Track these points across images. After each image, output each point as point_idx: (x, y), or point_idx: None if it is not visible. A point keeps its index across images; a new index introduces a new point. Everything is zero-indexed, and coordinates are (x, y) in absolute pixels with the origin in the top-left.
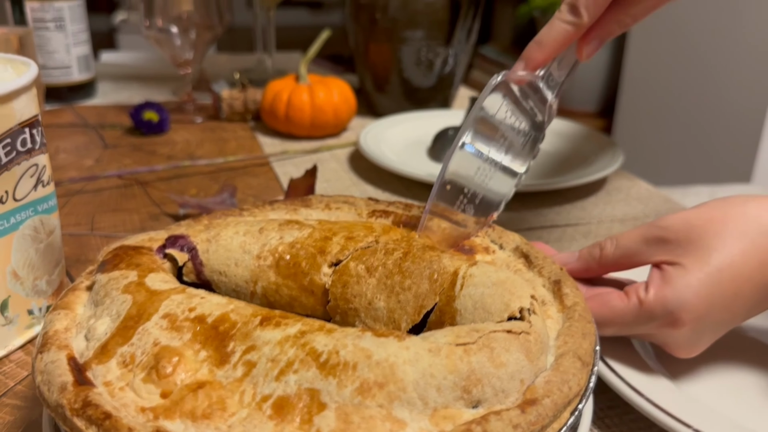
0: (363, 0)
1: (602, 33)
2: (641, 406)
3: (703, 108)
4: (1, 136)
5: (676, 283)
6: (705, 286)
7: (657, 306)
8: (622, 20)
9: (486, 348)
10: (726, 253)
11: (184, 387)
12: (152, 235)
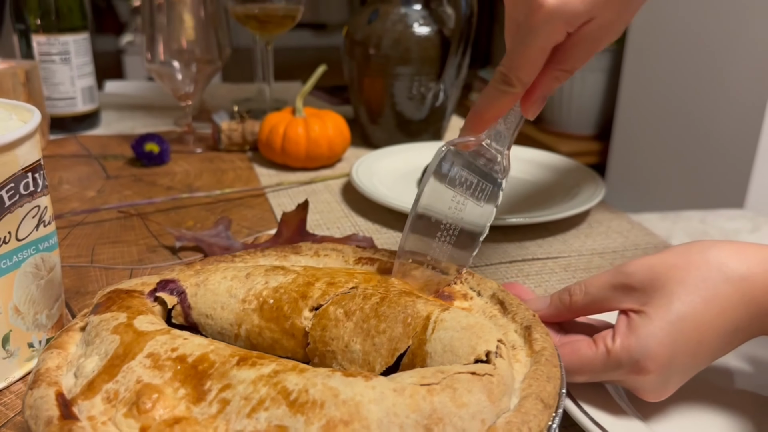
0: (358, 36)
1: (542, 91)
2: None
3: (696, 133)
4: (5, 182)
5: (641, 332)
6: (668, 335)
7: (623, 355)
8: (559, 76)
9: (449, 388)
10: (688, 301)
11: (161, 422)
12: (144, 280)
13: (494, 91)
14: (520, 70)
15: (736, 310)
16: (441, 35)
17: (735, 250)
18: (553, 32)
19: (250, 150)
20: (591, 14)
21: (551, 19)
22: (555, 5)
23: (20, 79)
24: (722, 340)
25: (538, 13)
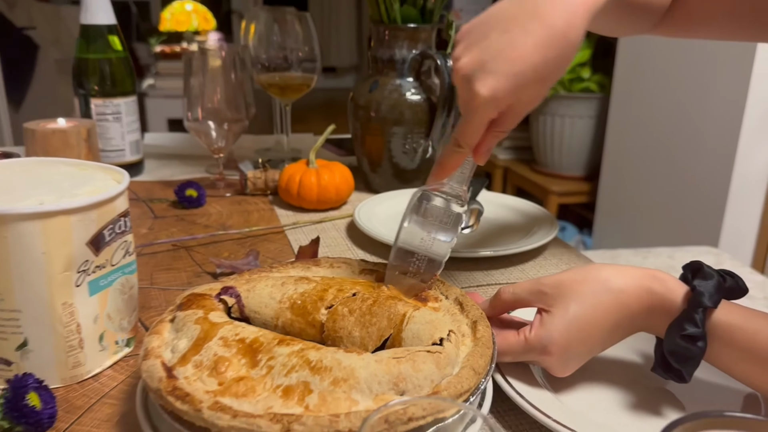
0: (361, 102)
1: (486, 146)
2: (527, 409)
3: (675, 175)
4: (107, 224)
5: (547, 326)
6: (566, 329)
7: (535, 341)
8: (497, 135)
9: (410, 360)
10: (581, 305)
11: (231, 380)
12: (211, 286)
13: (450, 151)
14: (467, 137)
15: (614, 314)
16: (429, 101)
17: (617, 271)
18: (486, 113)
19: (271, 194)
20: (513, 98)
21: (485, 104)
22: (487, 96)
23: (83, 135)
24: (606, 335)
25: (475, 101)
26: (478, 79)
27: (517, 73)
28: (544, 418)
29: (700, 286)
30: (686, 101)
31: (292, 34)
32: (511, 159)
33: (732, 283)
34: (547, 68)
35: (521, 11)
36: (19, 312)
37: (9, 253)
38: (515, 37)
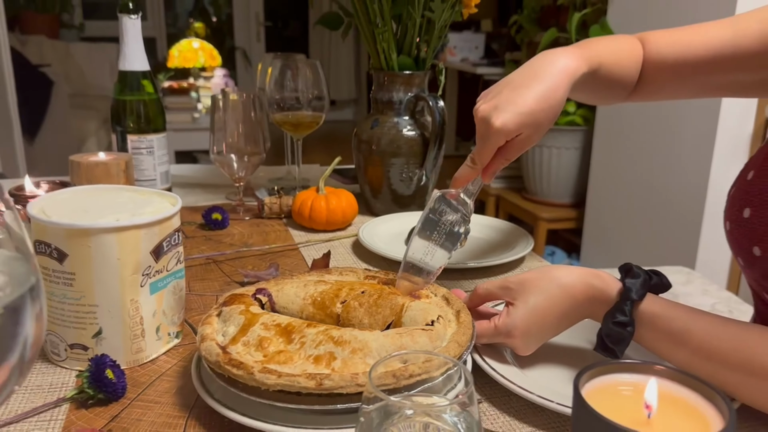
0: (363, 137)
1: (493, 169)
2: (498, 379)
3: (655, 202)
4: (166, 237)
5: (511, 315)
6: (525, 317)
7: (502, 328)
8: (503, 161)
9: (409, 335)
10: (538, 298)
11: (273, 353)
12: (247, 289)
13: (466, 167)
14: (481, 157)
15: (564, 304)
16: (423, 136)
17: (566, 270)
18: (497, 140)
19: (285, 218)
20: (519, 131)
21: (496, 133)
22: (499, 126)
23: (122, 167)
24: (558, 321)
25: (490, 131)
26: (492, 116)
27: (521, 113)
28: (512, 386)
29: (629, 283)
30: (662, 133)
31: (303, 78)
32: (503, 187)
33: (657, 280)
34: (542, 114)
35: (525, 76)
36: (96, 306)
37: (91, 259)
38: (521, 91)
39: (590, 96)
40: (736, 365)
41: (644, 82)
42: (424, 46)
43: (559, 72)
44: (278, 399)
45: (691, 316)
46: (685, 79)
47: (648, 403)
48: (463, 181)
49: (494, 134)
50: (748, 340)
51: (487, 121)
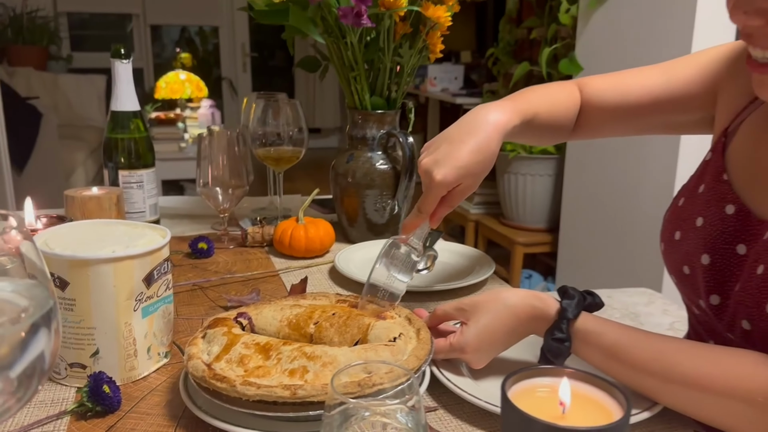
0: (340, 170)
1: (439, 215)
2: (452, 389)
3: (623, 226)
4: (157, 265)
5: (464, 333)
6: (477, 335)
7: (456, 345)
8: (447, 209)
9: (373, 350)
10: (488, 318)
11: (253, 368)
12: (229, 313)
13: (413, 215)
14: (426, 206)
15: (509, 323)
16: (394, 169)
17: (513, 293)
18: (439, 192)
19: (267, 246)
20: (458, 183)
21: (438, 186)
22: (439, 180)
23: (114, 201)
24: (505, 339)
25: (432, 183)
26: (434, 170)
27: (459, 167)
28: (464, 394)
29: (565, 303)
30: (629, 162)
31: (284, 116)
32: (481, 213)
33: (590, 300)
34: (477, 165)
35: (461, 132)
36: (94, 329)
37: (90, 287)
38: (457, 146)
39: (533, 139)
40: (657, 373)
41: (585, 123)
42: (394, 87)
43: (490, 126)
44: (258, 408)
45: (619, 332)
46: (623, 121)
47: (562, 400)
48: (412, 227)
49: (436, 187)
50: (667, 351)
51: (429, 175)
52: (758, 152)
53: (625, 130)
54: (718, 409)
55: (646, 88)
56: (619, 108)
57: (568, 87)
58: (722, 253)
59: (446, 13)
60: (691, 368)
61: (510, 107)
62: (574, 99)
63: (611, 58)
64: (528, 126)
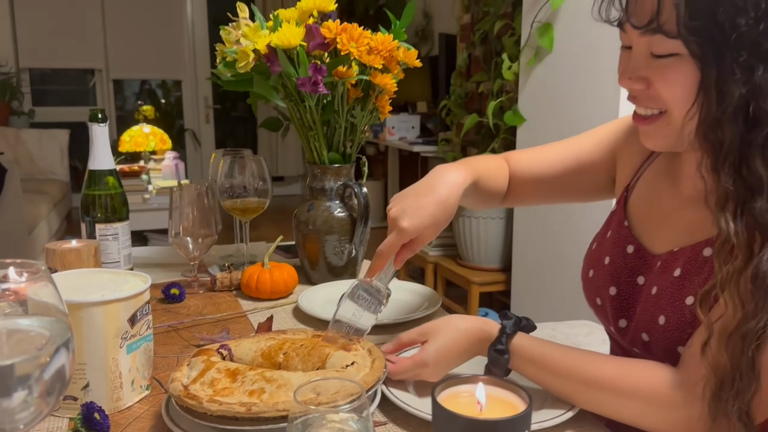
0: (302, 218)
1: (402, 258)
2: (400, 405)
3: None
4: (139, 308)
5: (425, 351)
6: (436, 352)
7: (418, 361)
8: (410, 253)
9: (324, 375)
10: (445, 339)
11: (220, 389)
12: (212, 345)
13: (377, 258)
14: (389, 249)
15: (462, 344)
16: (351, 216)
17: (466, 319)
18: (403, 237)
19: (235, 290)
20: (419, 232)
21: (402, 232)
22: (404, 227)
23: (91, 252)
24: (458, 356)
25: (397, 230)
26: (400, 218)
27: (422, 217)
28: (410, 409)
29: (504, 323)
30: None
31: (249, 171)
32: (439, 255)
33: (525, 322)
34: (439, 217)
35: (426, 187)
36: (85, 364)
37: (82, 326)
38: (422, 199)
39: (471, 202)
40: (577, 380)
41: (511, 192)
42: (349, 143)
43: (450, 184)
44: (221, 422)
45: (547, 346)
46: (546, 188)
47: (479, 400)
48: (377, 269)
49: (401, 233)
50: (585, 362)
51: (395, 222)
52: (650, 203)
53: (545, 198)
54: (627, 408)
55: (559, 159)
56: (538, 177)
57: (499, 159)
58: (625, 285)
59: (392, 80)
60: (604, 375)
61: (464, 169)
62: (504, 169)
63: (550, 109)
64: (474, 187)
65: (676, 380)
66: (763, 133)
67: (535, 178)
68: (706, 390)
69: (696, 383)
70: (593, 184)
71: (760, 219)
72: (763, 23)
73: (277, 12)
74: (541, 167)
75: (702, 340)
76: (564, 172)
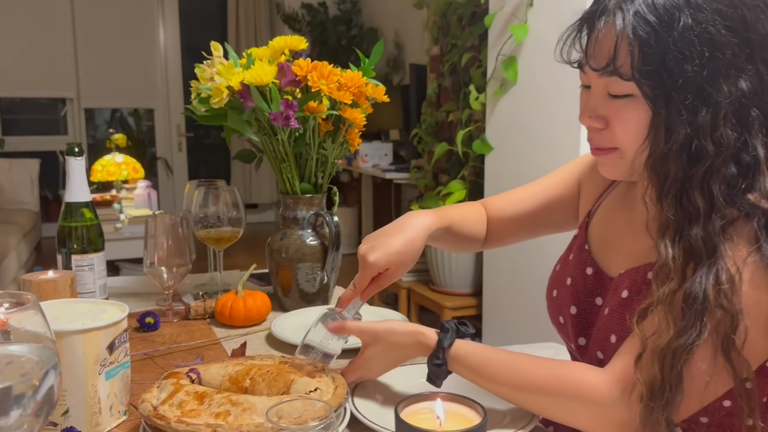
0: (275, 247)
1: (370, 292)
2: (366, 423)
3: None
4: (118, 336)
5: (365, 354)
6: (372, 357)
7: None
8: (377, 288)
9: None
10: (384, 344)
11: (188, 410)
12: (182, 369)
13: (349, 290)
14: (360, 283)
15: (396, 352)
16: (323, 245)
17: (404, 325)
18: (372, 272)
19: (209, 318)
20: (387, 267)
21: (371, 266)
22: (372, 261)
23: (68, 283)
24: (394, 359)
25: (366, 264)
26: (369, 254)
27: (389, 254)
28: (377, 427)
29: (441, 335)
30: None
31: (223, 201)
32: (413, 281)
33: (463, 330)
34: (405, 256)
35: (395, 228)
36: (65, 391)
37: (63, 354)
38: (390, 239)
39: (449, 246)
40: (511, 383)
41: (493, 233)
42: (320, 174)
43: (418, 227)
44: None
45: (484, 353)
46: (522, 226)
47: (438, 415)
48: (346, 301)
49: (369, 267)
50: (519, 366)
51: (364, 258)
52: (608, 228)
53: (524, 235)
54: (560, 408)
55: (531, 197)
56: (515, 217)
57: (476, 206)
58: (585, 305)
59: (361, 114)
60: (536, 377)
61: (434, 215)
62: (481, 215)
63: (516, 138)
64: (446, 232)
65: (607, 378)
66: (703, 168)
67: (512, 219)
68: (636, 396)
69: (627, 386)
70: (564, 217)
71: (695, 245)
72: (706, 70)
73: (250, 50)
74: (517, 207)
75: (636, 353)
76: (537, 209)
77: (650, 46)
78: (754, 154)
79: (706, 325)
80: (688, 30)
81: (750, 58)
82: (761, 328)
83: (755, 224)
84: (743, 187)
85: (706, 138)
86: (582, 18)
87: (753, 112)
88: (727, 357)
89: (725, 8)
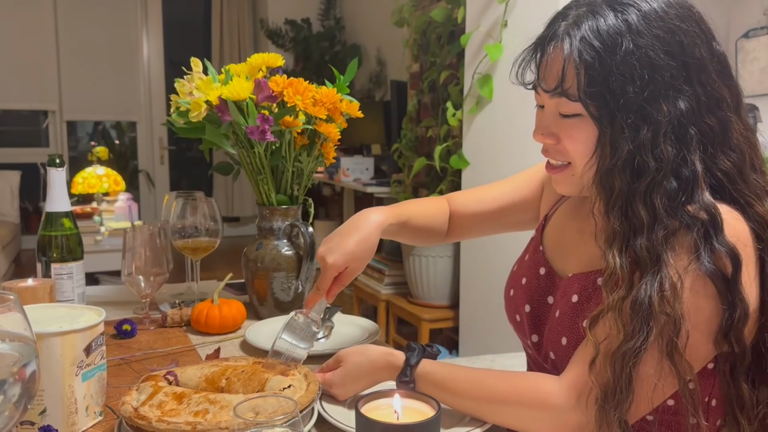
0: (251, 257)
1: (333, 292)
2: (331, 422)
3: None
4: (95, 339)
5: (335, 375)
6: (342, 377)
7: (326, 381)
8: (340, 287)
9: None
10: (353, 365)
11: (168, 410)
12: (160, 371)
13: (313, 291)
14: (322, 284)
15: (366, 371)
16: (297, 254)
17: (374, 349)
18: (332, 272)
19: (185, 325)
20: (346, 266)
21: (330, 268)
22: (331, 263)
23: (47, 291)
24: (364, 382)
25: (326, 266)
26: (327, 256)
27: (345, 253)
28: (342, 425)
29: (408, 355)
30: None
31: (201, 212)
32: (391, 293)
33: (430, 350)
34: (361, 253)
35: (349, 227)
36: (43, 390)
37: (41, 355)
38: (345, 238)
39: (409, 239)
40: (473, 396)
41: (455, 227)
42: (296, 186)
43: (371, 224)
44: None
45: (448, 371)
46: (483, 223)
47: (396, 410)
48: (311, 302)
49: (329, 268)
50: (479, 379)
51: (323, 260)
52: (562, 232)
53: (485, 231)
54: (518, 416)
55: (496, 197)
56: (478, 214)
57: (439, 200)
58: (538, 303)
59: (336, 129)
60: (495, 388)
61: (387, 211)
62: (443, 209)
63: (491, 154)
64: (403, 227)
65: (562, 385)
66: (646, 182)
67: (474, 215)
68: (591, 400)
69: (583, 392)
70: (526, 217)
71: (640, 255)
72: (647, 91)
73: (228, 67)
74: (481, 206)
75: (590, 357)
76: (500, 208)
77: (595, 69)
78: (693, 168)
79: (652, 329)
80: (630, 54)
81: (687, 80)
82: (702, 332)
83: (695, 234)
84: (683, 200)
85: (648, 154)
86: (535, 42)
87: (691, 130)
88: (671, 360)
89: (664, 34)
